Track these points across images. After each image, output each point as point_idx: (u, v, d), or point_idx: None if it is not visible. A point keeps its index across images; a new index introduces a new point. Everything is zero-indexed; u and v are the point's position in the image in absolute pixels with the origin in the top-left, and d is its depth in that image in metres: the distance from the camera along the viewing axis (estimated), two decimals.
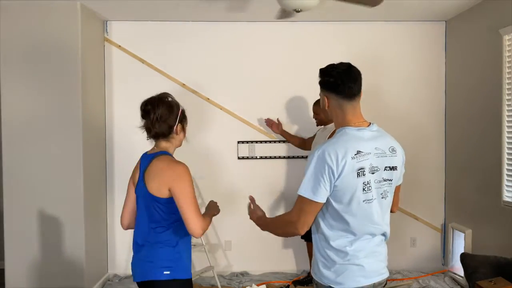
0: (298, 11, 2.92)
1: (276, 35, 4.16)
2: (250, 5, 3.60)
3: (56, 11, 3.50)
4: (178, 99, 2.00)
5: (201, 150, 4.15)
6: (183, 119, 2.00)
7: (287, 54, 4.16)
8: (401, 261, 4.21)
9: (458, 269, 3.77)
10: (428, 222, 4.26)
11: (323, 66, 1.76)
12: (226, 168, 4.18)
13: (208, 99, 4.14)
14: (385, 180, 1.68)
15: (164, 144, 1.96)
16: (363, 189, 1.60)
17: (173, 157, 1.94)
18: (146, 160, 1.94)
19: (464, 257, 3.15)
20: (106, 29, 4.10)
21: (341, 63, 1.71)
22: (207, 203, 2.11)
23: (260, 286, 3.80)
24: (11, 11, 3.47)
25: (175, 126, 1.95)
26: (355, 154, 1.58)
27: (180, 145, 2.04)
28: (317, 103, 3.57)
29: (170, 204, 1.85)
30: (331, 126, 3.39)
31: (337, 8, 3.67)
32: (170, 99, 1.97)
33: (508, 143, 3.29)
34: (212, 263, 3.95)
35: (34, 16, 3.49)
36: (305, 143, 3.96)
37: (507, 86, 3.28)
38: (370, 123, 1.72)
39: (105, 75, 4.12)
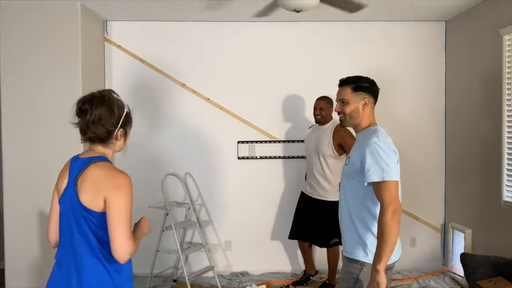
0: (298, 11, 2.92)
1: (276, 35, 4.15)
2: (251, 5, 3.61)
3: (56, 11, 3.50)
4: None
5: (201, 150, 4.15)
6: (127, 122, 1.70)
7: (287, 54, 4.15)
8: (401, 261, 4.09)
9: (458, 269, 3.76)
10: (428, 222, 4.25)
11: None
12: (226, 168, 4.18)
13: (208, 99, 4.14)
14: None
15: (101, 149, 1.66)
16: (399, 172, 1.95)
17: (113, 164, 1.65)
18: (79, 165, 1.62)
19: (464, 257, 3.15)
20: (106, 29, 4.10)
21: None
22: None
23: (260, 286, 3.80)
24: (11, 11, 3.47)
25: (116, 131, 1.65)
26: (393, 144, 1.97)
27: (120, 150, 1.74)
28: (322, 99, 3.60)
29: (105, 219, 1.56)
30: (328, 125, 3.56)
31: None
32: (113, 97, 1.68)
33: (508, 143, 3.29)
34: (212, 263, 3.94)
35: (34, 16, 3.49)
36: None
37: (507, 86, 3.28)
38: None
39: (105, 75, 4.12)
